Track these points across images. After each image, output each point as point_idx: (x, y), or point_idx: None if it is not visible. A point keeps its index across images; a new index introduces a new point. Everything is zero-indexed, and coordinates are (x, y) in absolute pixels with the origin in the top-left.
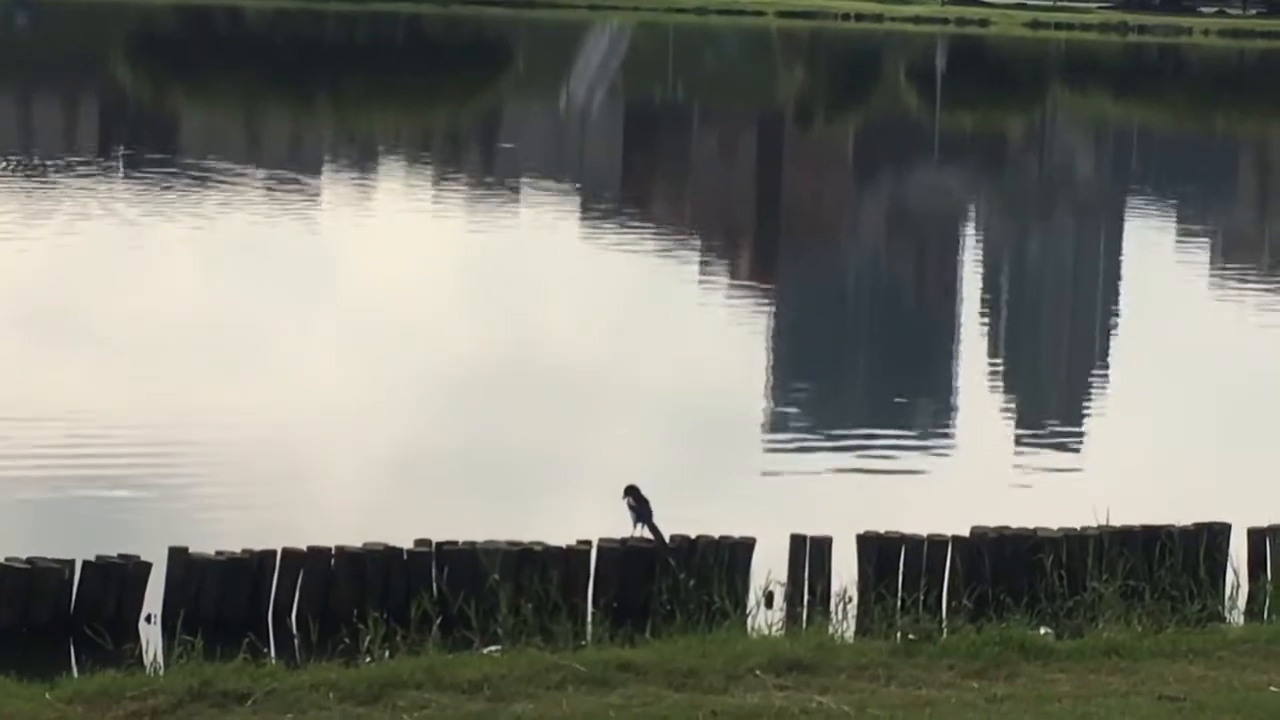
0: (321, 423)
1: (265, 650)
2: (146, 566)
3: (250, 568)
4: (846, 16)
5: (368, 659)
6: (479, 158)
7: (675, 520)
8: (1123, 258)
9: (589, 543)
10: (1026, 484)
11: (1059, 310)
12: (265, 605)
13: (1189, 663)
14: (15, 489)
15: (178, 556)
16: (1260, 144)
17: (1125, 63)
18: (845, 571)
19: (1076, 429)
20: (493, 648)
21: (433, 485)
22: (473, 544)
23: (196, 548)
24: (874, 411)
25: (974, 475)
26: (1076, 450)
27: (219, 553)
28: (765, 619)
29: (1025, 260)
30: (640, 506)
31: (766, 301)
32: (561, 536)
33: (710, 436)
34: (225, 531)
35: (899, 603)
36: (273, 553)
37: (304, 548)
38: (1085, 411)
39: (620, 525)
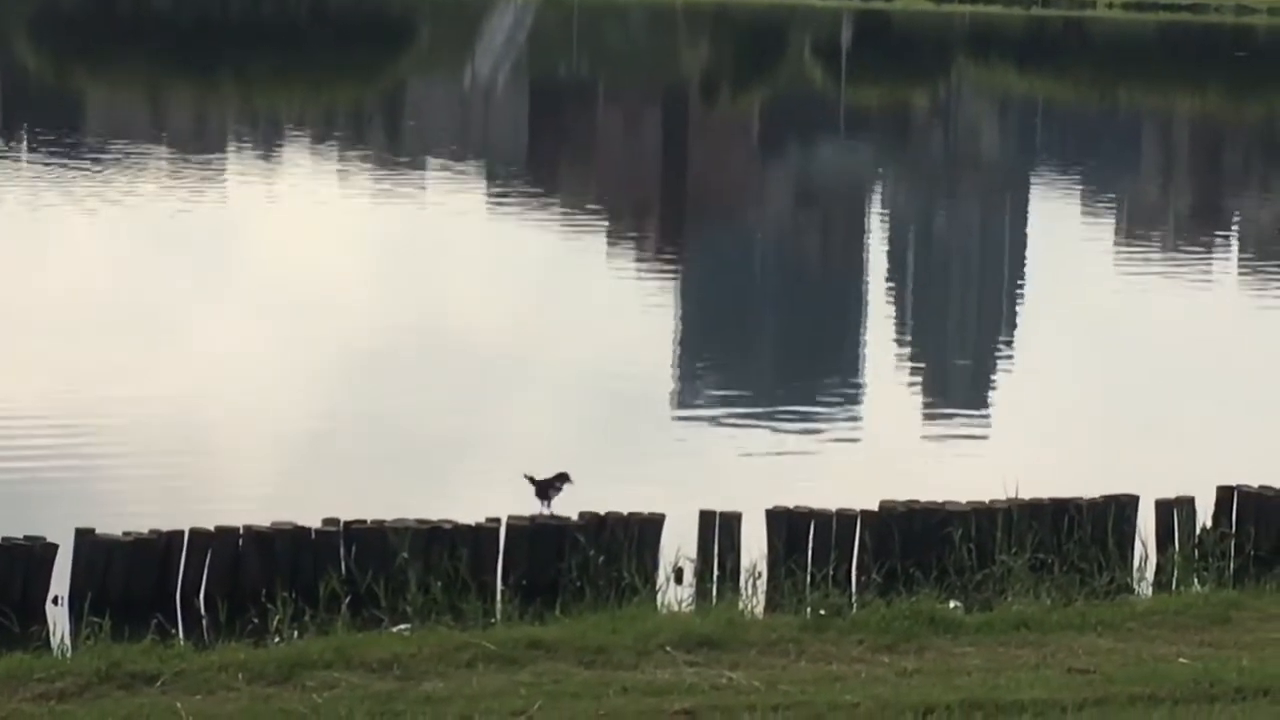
0: (228, 402)
1: (173, 631)
2: (53, 548)
3: (158, 548)
4: None
5: (276, 639)
6: (384, 135)
7: (584, 497)
8: (1028, 230)
9: (498, 520)
10: (935, 458)
11: (966, 284)
12: (173, 586)
13: (1098, 635)
14: None
15: (84, 537)
16: (1163, 116)
17: (1029, 36)
18: (755, 547)
19: (984, 402)
20: (402, 626)
21: (340, 464)
22: (381, 522)
23: (103, 528)
24: (782, 386)
25: (882, 449)
26: (985, 423)
27: (126, 533)
28: (675, 595)
29: (932, 234)
30: (541, 485)
31: (673, 278)
32: (470, 514)
33: (618, 413)
34: (132, 512)
35: (808, 578)
36: (180, 533)
37: (211, 527)
38: (993, 384)
39: (529, 503)
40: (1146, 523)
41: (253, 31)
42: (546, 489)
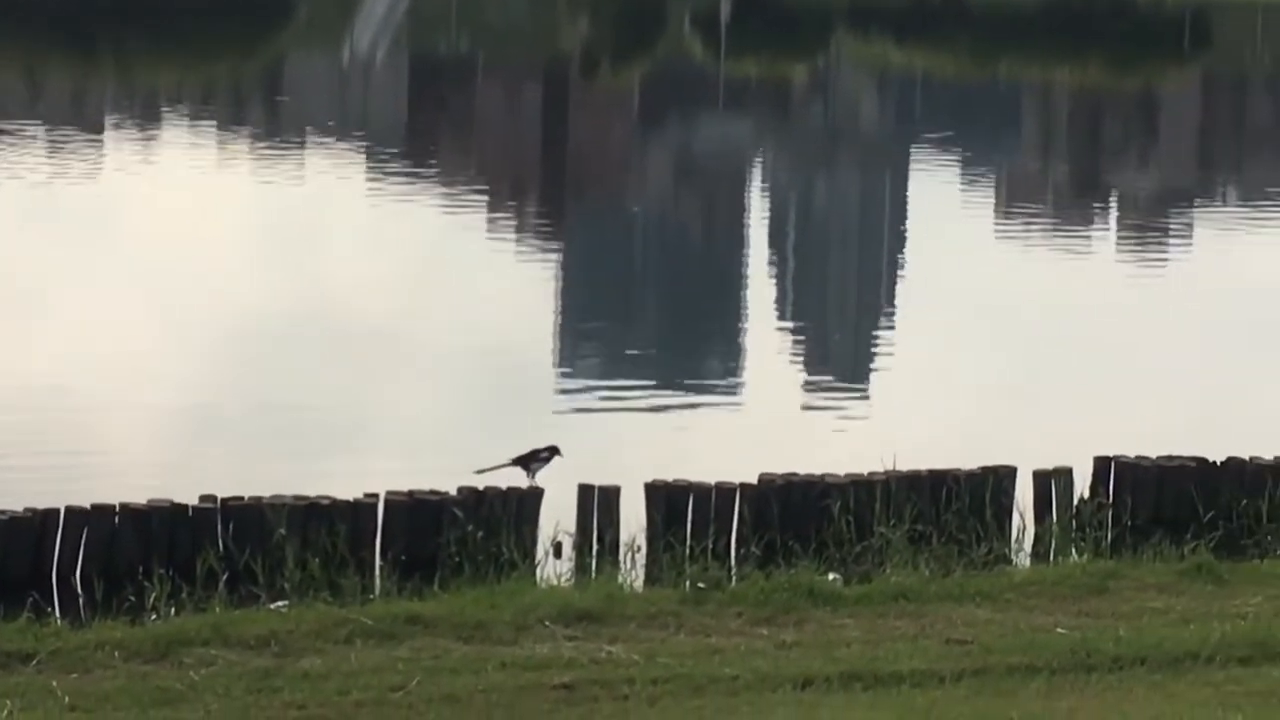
0: (105, 380)
1: (49, 610)
2: None
3: (33, 526)
4: None
5: (154, 617)
6: (263, 111)
7: (464, 472)
8: (908, 203)
9: (376, 496)
10: (814, 430)
11: (846, 257)
12: (49, 564)
13: (976, 606)
14: None
15: None
16: (1042, 88)
17: (909, 9)
18: (634, 521)
19: (863, 374)
20: (280, 603)
21: (218, 441)
22: (259, 499)
23: None
24: (662, 360)
25: (762, 423)
26: (864, 395)
27: (0, 511)
28: (554, 570)
29: (812, 207)
30: (525, 458)
31: (554, 252)
32: (348, 490)
33: (498, 387)
34: (6, 490)
35: (687, 551)
36: (55, 511)
37: (88, 505)
38: (873, 357)
39: (404, 480)
40: (1024, 493)
41: (129, 6)
42: (530, 461)
